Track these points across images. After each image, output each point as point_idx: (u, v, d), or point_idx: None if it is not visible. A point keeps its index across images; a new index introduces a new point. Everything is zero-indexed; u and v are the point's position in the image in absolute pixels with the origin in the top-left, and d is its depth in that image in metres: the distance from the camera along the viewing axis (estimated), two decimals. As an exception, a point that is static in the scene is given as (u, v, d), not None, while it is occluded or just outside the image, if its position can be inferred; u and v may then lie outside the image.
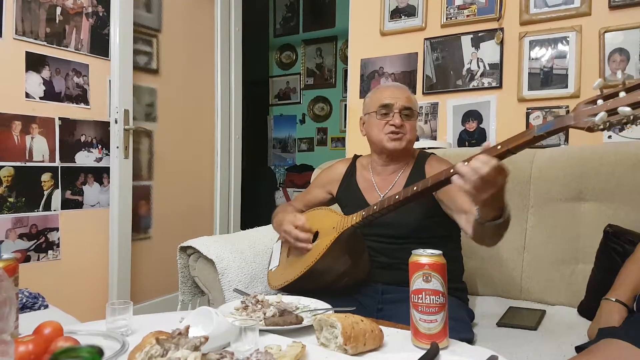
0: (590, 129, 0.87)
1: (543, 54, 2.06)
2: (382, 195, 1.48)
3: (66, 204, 2.31)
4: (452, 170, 1.07)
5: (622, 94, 0.84)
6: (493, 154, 1.00)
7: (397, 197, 1.21)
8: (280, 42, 5.06)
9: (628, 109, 0.82)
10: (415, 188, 1.17)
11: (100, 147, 2.45)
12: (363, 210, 1.29)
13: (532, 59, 2.08)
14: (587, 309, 1.44)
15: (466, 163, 1.01)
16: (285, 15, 5.02)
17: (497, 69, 2.15)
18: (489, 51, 2.17)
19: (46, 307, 1.46)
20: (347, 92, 2.58)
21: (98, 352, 0.67)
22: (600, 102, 0.87)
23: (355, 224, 1.30)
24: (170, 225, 2.82)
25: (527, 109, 2.09)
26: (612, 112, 0.84)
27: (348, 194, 1.57)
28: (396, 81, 2.38)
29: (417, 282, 0.94)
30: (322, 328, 0.96)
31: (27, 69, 2.14)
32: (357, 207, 1.36)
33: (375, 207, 1.26)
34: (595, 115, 0.85)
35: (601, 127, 0.85)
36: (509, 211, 1.12)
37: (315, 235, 1.40)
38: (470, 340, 1.18)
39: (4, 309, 0.60)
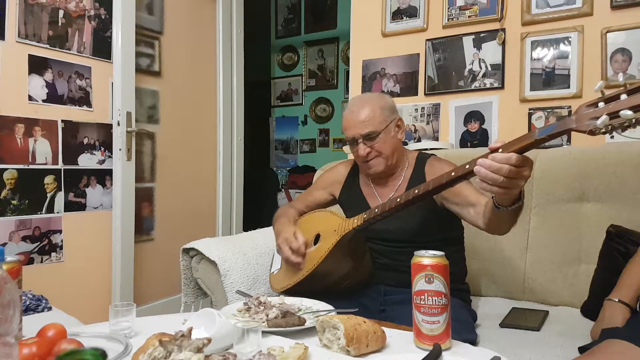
0: (592, 132, 0.87)
1: (545, 55, 2.05)
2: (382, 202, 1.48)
3: (69, 206, 2.32)
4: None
5: (623, 97, 0.83)
6: (510, 149, 0.95)
7: (398, 200, 1.21)
8: (282, 44, 5.07)
9: (630, 112, 0.81)
10: (416, 191, 1.17)
11: (102, 149, 2.46)
12: (364, 213, 1.29)
13: (534, 59, 2.08)
14: (590, 309, 1.44)
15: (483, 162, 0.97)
16: (287, 16, 5.03)
17: (499, 69, 2.15)
18: (490, 52, 2.17)
19: (49, 309, 1.47)
20: (349, 94, 2.58)
21: (101, 354, 0.67)
22: (601, 104, 0.86)
23: (356, 227, 1.30)
24: (173, 227, 2.82)
25: (530, 109, 2.08)
26: (613, 115, 0.84)
27: (350, 197, 1.57)
28: (398, 82, 2.39)
29: (419, 284, 0.94)
30: (324, 329, 0.96)
31: (29, 72, 2.15)
32: (360, 211, 1.36)
33: (376, 210, 1.26)
34: (597, 118, 0.85)
35: (603, 130, 0.85)
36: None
37: (317, 237, 1.40)
38: (473, 342, 1.18)
39: (8, 312, 0.60)
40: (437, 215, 1.41)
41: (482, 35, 2.18)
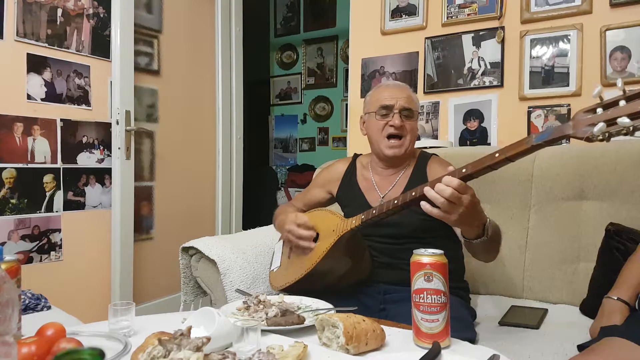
0: (588, 139, 0.86)
1: (544, 52, 2.05)
2: (382, 195, 1.48)
3: (68, 205, 2.32)
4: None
5: (622, 103, 0.83)
6: (459, 175, 1.02)
7: (395, 202, 1.21)
8: (281, 42, 5.06)
9: (627, 120, 0.80)
10: (413, 193, 1.17)
11: (101, 148, 2.46)
12: (362, 214, 1.29)
13: (533, 57, 2.07)
14: (589, 307, 1.44)
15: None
16: (286, 15, 5.02)
17: (498, 67, 2.15)
18: (490, 50, 2.16)
19: (49, 308, 1.47)
20: (348, 92, 2.58)
21: (99, 354, 0.67)
22: (599, 111, 0.86)
23: (354, 227, 1.30)
24: (172, 226, 2.82)
25: (529, 107, 2.08)
26: (611, 122, 0.83)
27: (348, 194, 1.57)
28: (397, 80, 2.38)
29: (418, 282, 0.94)
30: (324, 328, 0.96)
31: (28, 71, 2.15)
32: (357, 207, 1.35)
33: (374, 212, 1.26)
34: (594, 125, 0.84)
35: (600, 137, 0.84)
36: (492, 227, 1.14)
37: (316, 237, 1.40)
38: (472, 340, 1.18)
39: (7, 311, 0.60)
40: None
41: (481, 33, 2.18)
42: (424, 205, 1.06)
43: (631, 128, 0.81)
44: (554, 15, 2.02)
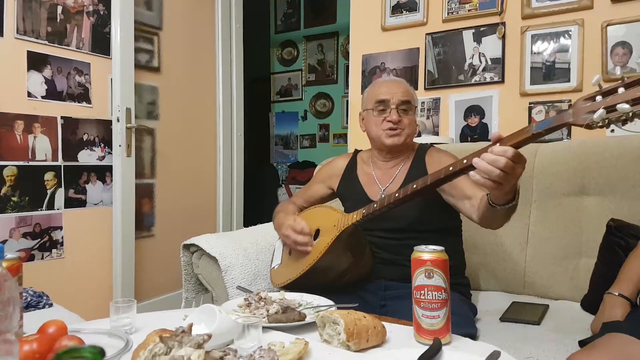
0: (589, 127, 0.87)
1: (545, 48, 2.05)
2: (382, 189, 1.48)
3: (69, 203, 2.32)
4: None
5: (621, 90, 0.83)
6: (507, 143, 0.96)
7: (396, 195, 1.21)
8: (282, 39, 5.05)
9: (627, 105, 0.81)
10: (414, 186, 1.17)
11: (102, 145, 2.46)
12: (363, 209, 1.29)
13: (534, 53, 2.07)
14: (591, 303, 1.44)
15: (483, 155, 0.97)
16: (286, 11, 5.01)
17: (499, 63, 2.14)
18: (490, 46, 2.16)
19: (50, 305, 1.47)
20: (349, 88, 2.57)
21: (100, 352, 0.67)
22: (599, 98, 0.86)
23: (355, 222, 1.30)
24: (174, 223, 2.82)
25: (530, 103, 2.08)
26: (610, 109, 0.83)
27: (349, 189, 1.57)
28: (398, 77, 2.38)
29: (419, 279, 0.94)
30: (325, 325, 0.96)
31: (28, 68, 2.15)
32: (358, 202, 1.36)
33: (375, 206, 1.26)
34: (594, 112, 0.85)
35: (600, 124, 0.85)
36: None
37: (317, 233, 1.40)
38: (473, 336, 1.18)
39: (8, 309, 0.60)
40: (437, 204, 1.41)
41: (482, 29, 2.18)
42: (473, 175, 0.99)
43: (631, 114, 0.81)
44: (555, 11, 2.02)
